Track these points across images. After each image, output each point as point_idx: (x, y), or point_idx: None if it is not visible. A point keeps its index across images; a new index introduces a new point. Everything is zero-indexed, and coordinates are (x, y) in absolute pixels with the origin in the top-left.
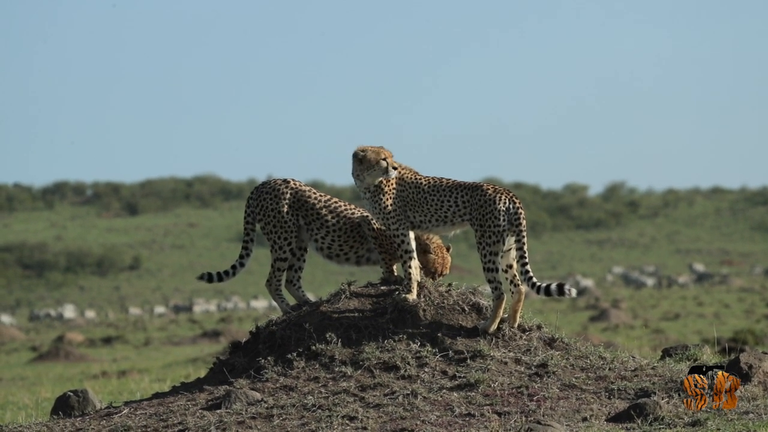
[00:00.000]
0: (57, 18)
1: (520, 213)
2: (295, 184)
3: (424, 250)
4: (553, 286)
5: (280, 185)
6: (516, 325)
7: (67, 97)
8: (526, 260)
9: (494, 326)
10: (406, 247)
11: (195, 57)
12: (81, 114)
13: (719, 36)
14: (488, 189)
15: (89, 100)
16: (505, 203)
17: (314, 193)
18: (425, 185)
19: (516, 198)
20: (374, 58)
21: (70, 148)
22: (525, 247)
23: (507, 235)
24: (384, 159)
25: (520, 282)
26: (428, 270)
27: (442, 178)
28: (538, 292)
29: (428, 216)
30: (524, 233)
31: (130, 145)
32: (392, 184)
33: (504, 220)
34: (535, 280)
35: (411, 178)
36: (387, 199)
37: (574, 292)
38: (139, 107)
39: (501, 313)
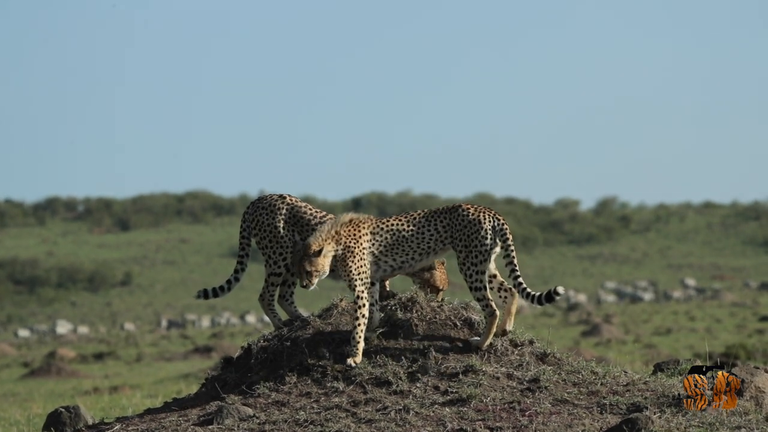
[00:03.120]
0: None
1: (506, 228)
2: (291, 200)
3: (429, 266)
4: (543, 296)
5: (276, 200)
6: (512, 327)
7: (59, 112)
8: (518, 273)
9: (487, 343)
10: (365, 311)
11: (186, 74)
12: (73, 129)
13: (712, 51)
14: (470, 209)
15: (81, 116)
16: (490, 221)
17: (310, 209)
18: (399, 225)
19: (498, 215)
20: (366, 73)
21: (62, 163)
22: (515, 261)
23: (493, 253)
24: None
25: (508, 286)
26: (434, 287)
27: (408, 212)
28: (533, 301)
29: (411, 254)
30: (512, 248)
31: (122, 161)
32: (361, 244)
33: (491, 239)
34: (529, 290)
35: (380, 226)
36: (358, 261)
37: (561, 289)
38: (131, 123)
39: (494, 330)
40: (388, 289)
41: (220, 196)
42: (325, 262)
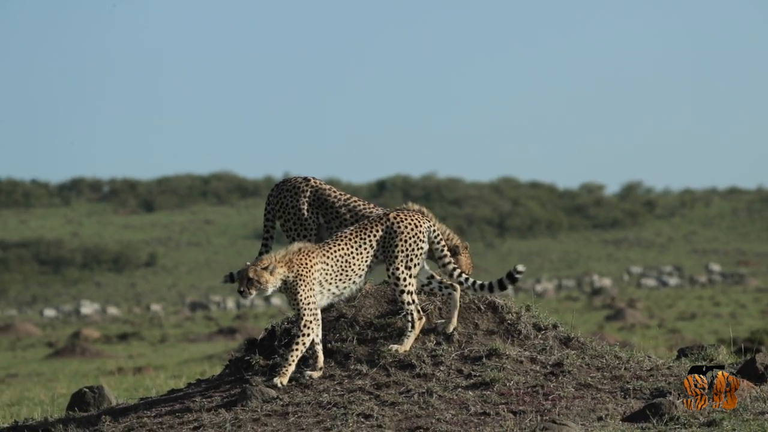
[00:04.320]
0: (74, 13)
1: (437, 230)
2: (315, 182)
3: (454, 252)
4: (504, 279)
5: (301, 183)
6: (454, 329)
7: (84, 94)
8: (459, 270)
9: (409, 346)
10: (306, 340)
11: (213, 54)
12: (98, 111)
13: (738, 35)
14: (404, 217)
15: (107, 97)
16: (424, 224)
17: (334, 192)
18: (342, 250)
19: (428, 217)
20: (393, 56)
21: (88, 144)
22: (451, 259)
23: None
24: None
25: (449, 282)
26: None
27: (342, 234)
28: (491, 290)
29: (353, 277)
30: (445, 249)
31: (147, 142)
32: (312, 273)
33: (425, 243)
34: (479, 282)
35: (327, 254)
36: (309, 290)
37: (521, 267)
38: (157, 104)
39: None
40: None
41: (245, 177)
42: (270, 279)
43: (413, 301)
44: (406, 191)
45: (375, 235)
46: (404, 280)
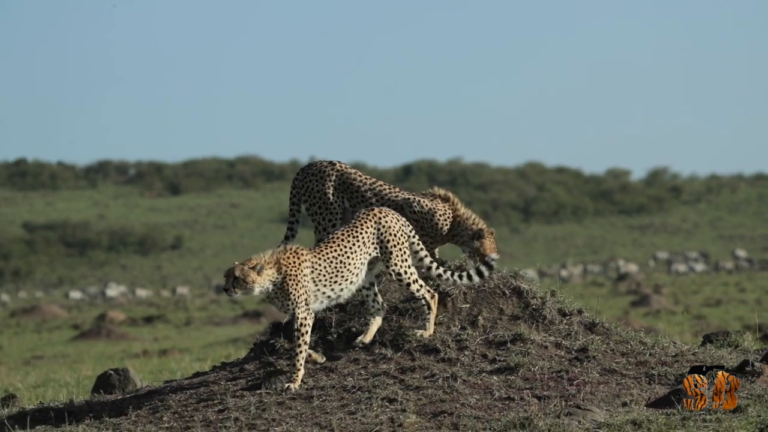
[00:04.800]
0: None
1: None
2: (340, 166)
3: (479, 236)
4: (480, 267)
5: (326, 167)
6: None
7: (111, 76)
8: (436, 262)
9: (432, 329)
10: (306, 338)
11: (241, 37)
12: (125, 93)
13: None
14: (387, 212)
15: (133, 80)
16: (403, 218)
17: (359, 176)
18: (334, 252)
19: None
20: (418, 40)
21: (114, 127)
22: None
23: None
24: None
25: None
26: (483, 255)
27: (333, 236)
28: (470, 279)
29: (351, 276)
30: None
31: (174, 126)
32: (302, 271)
33: (411, 236)
34: (457, 273)
35: (318, 256)
36: (300, 287)
37: (494, 254)
38: (183, 87)
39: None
40: (437, 256)
41: (271, 161)
42: (256, 279)
43: (421, 285)
44: (431, 176)
45: (367, 233)
46: (405, 272)
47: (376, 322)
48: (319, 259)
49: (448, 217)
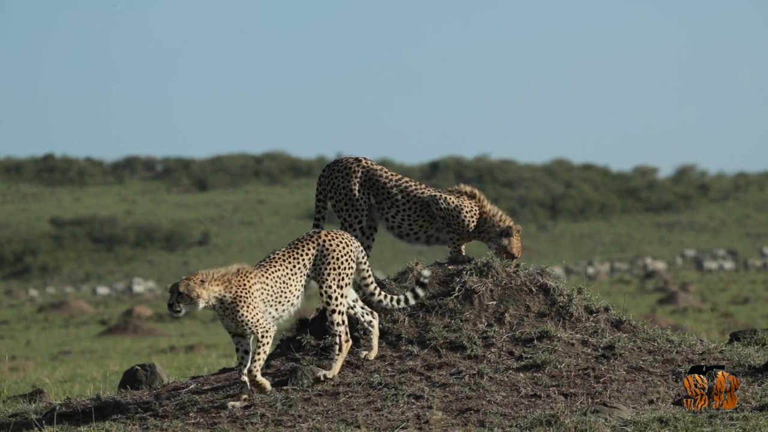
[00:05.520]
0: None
1: (361, 250)
2: (366, 163)
3: (508, 233)
4: (415, 288)
5: (352, 163)
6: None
7: (138, 73)
8: (377, 290)
9: (338, 370)
10: (266, 349)
11: (268, 33)
12: (152, 90)
13: None
14: (335, 236)
15: (161, 76)
16: (354, 243)
17: (385, 172)
18: (280, 271)
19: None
20: (445, 38)
21: (142, 123)
22: (372, 279)
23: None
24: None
25: (369, 309)
26: (510, 253)
27: (276, 255)
28: (406, 303)
29: (292, 297)
30: (369, 268)
31: (201, 122)
32: (252, 293)
33: (355, 261)
34: (396, 297)
35: (265, 275)
36: (252, 308)
37: (426, 272)
38: (211, 84)
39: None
40: (464, 253)
41: (298, 157)
42: (202, 294)
43: (343, 322)
44: (458, 173)
45: (308, 255)
46: (336, 299)
47: (376, 333)
48: (267, 278)
49: (475, 214)
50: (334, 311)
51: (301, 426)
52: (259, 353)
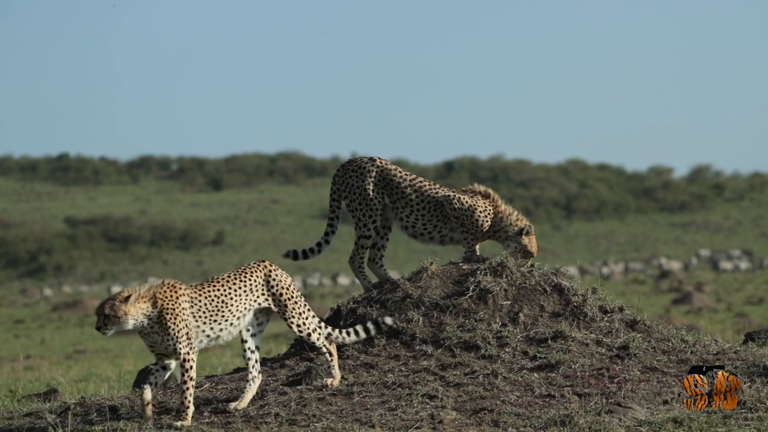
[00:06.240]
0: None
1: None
2: (381, 162)
3: (527, 232)
4: (370, 325)
5: (366, 163)
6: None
7: (153, 72)
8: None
9: (339, 377)
10: (192, 374)
11: (282, 33)
12: (167, 89)
13: None
14: (279, 269)
15: (176, 76)
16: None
17: (400, 172)
18: (216, 291)
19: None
20: (459, 37)
21: (156, 123)
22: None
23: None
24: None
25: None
26: (530, 252)
27: (219, 277)
28: (357, 335)
29: (232, 318)
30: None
31: (215, 121)
32: (180, 305)
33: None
34: (347, 330)
35: (198, 292)
36: (179, 321)
37: (389, 320)
38: (226, 83)
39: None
40: (478, 253)
41: (313, 157)
42: (129, 311)
43: (320, 335)
44: (473, 172)
45: (255, 281)
46: (304, 323)
47: (252, 390)
48: (200, 295)
49: (489, 214)
50: (309, 335)
51: (315, 426)
52: (187, 380)
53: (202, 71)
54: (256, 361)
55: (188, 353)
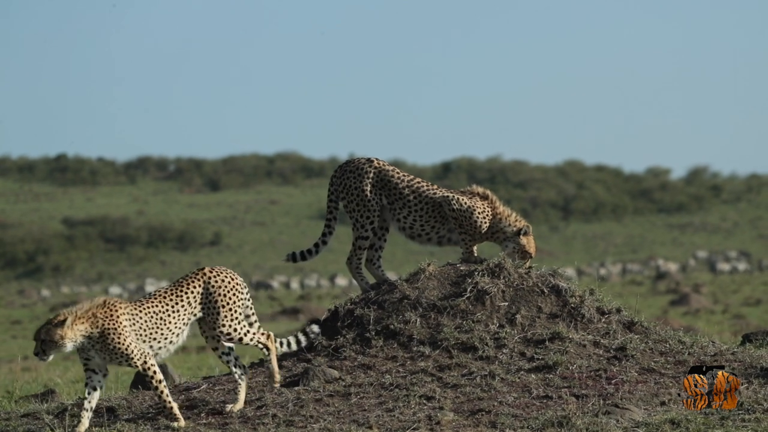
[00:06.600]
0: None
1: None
2: (378, 164)
3: (526, 232)
4: (301, 336)
5: (364, 164)
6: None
7: (151, 73)
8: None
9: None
10: (159, 376)
11: (279, 33)
12: (165, 90)
13: None
14: (219, 272)
15: (173, 76)
16: (238, 278)
17: (397, 173)
18: (155, 307)
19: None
20: (454, 37)
21: (154, 123)
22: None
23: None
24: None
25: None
26: (528, 252)
27: (158, 291)
28: (289, 347)
29: (171, 335)
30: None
31: (213, 122)
32: (121, 323)
33: (244, 294)
34: (279, 339)
35: (137, 309)
36: (124, 338)
37: (316, 328)
38: (223, 84)
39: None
40: (476, 254)
41: (310, 158)
42: (67, 334)
43: (254, 334)
44: (471, 173)
45: (192, 293)
46: (235, 330)
47: (243, 389)
48: (140, 311)
49: (487, 215)
50: (241, 339)
51: (312, 426)
52: (156, 386)
53: (200, 72)
54: (236, 359)
55: (145, 362)
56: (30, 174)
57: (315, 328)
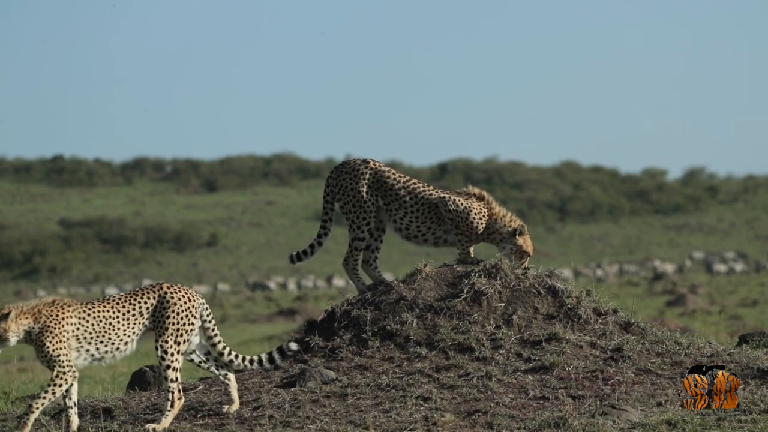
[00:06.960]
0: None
1: (206, 306)
2: (374, 165)
3: (522, 232)
4: (274, 352)
5: (360, 165)
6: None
7: (147, 74)
8: (228, 348)
9: (168, 424)
10: (57, 391)
11: (275, 34)
12: (161, 91)
13: None
14: (177, 289)
15: (170, 77)
16: (198, 299)
17: (393, 174)
18: (105, 312)
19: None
20: (453, 39)
21: (151, 124)
22: (220, 337)
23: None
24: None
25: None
26: (525, 251)
27: (111, 297)
28: (260, 364)
29: (116, 343)
30: (215, 325)
31: (210, 123)
32: (63, 326)
33: (198, 318)
34: (249, 357)
35: (87, 311)
36: (56, 342)
37: (294, 346)
38: (220, 85)
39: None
40: (473, 255)
41: (307, 159)
42: (10, 327)
43: (176, 378)
44: (467, 174)
45: (146, 304)
46: (171, 355)
47: (234, 386)
48: (88, 315)
49: (484, 216)
50: (168, 367)
51: (309, 427)
52: (47, 393)
53: (197, 73)
54: (215, 362)
55: (64, 373)
56: (27, 175)
57: (293, 345)
